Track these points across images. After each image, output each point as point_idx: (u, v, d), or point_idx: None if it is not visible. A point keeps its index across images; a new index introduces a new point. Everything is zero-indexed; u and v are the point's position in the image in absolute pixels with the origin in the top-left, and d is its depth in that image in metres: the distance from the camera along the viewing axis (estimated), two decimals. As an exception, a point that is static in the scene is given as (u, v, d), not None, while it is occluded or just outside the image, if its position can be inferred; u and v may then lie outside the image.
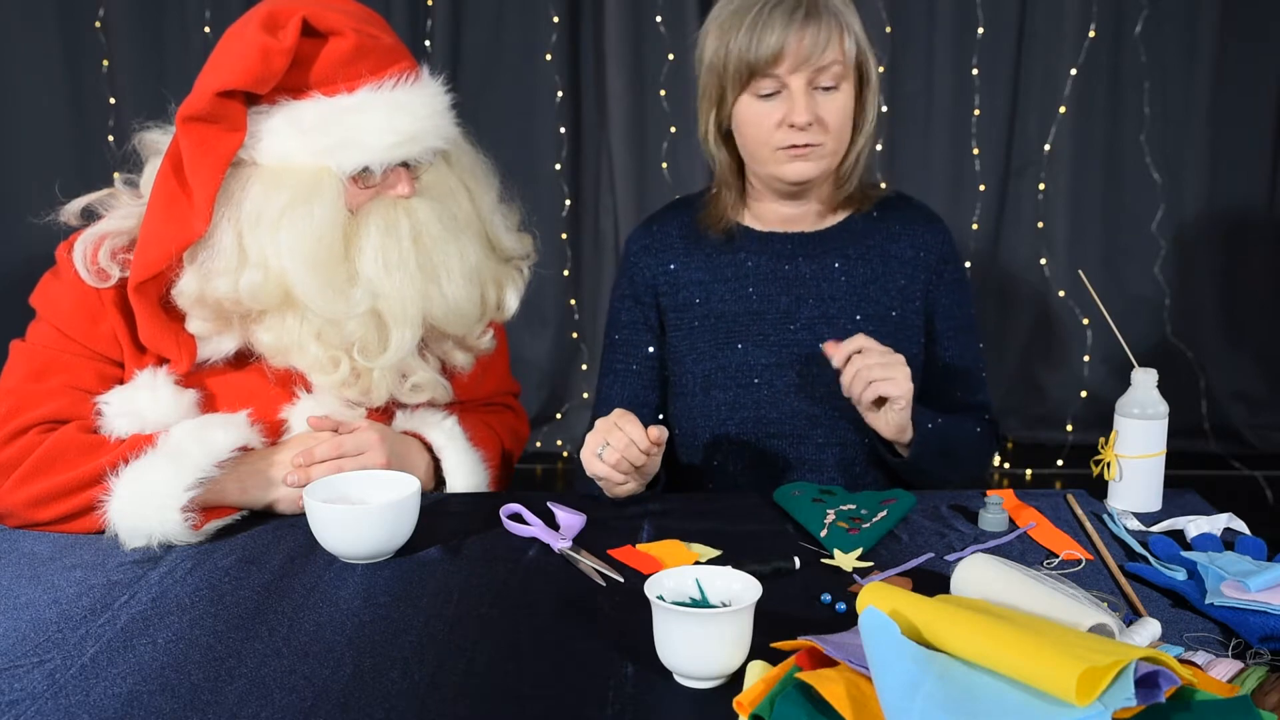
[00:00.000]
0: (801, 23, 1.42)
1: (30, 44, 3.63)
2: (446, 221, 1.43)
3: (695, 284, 1.60)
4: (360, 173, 1.37)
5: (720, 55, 1.46)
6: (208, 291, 1.34)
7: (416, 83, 1.40)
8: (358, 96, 1.35)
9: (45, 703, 0.97)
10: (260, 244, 1.33)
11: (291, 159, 1.35)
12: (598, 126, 3.75)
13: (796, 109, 1.44)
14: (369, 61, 1.36)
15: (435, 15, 3.66)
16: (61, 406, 1.37)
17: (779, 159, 1.50)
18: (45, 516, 1.34)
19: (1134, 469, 1.37)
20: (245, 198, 1.34)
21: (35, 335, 1.42)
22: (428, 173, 1.44)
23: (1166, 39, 3.60)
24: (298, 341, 1.38)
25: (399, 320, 1.39)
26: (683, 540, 1.29)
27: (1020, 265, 3.81)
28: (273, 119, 1.35)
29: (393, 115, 1.36)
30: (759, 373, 1.56)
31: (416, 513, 1.28)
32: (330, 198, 1.35)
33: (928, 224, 1.62)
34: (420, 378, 1.46)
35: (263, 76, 1.31)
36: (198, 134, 1.31)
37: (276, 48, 1.31)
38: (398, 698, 0.97)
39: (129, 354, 1.40)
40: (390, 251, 1.38)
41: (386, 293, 1.37)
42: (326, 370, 1.39)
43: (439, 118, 1.42)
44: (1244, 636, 1.05)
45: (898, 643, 0.86)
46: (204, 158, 1.31)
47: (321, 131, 1.34)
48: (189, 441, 1.32)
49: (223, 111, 1.31)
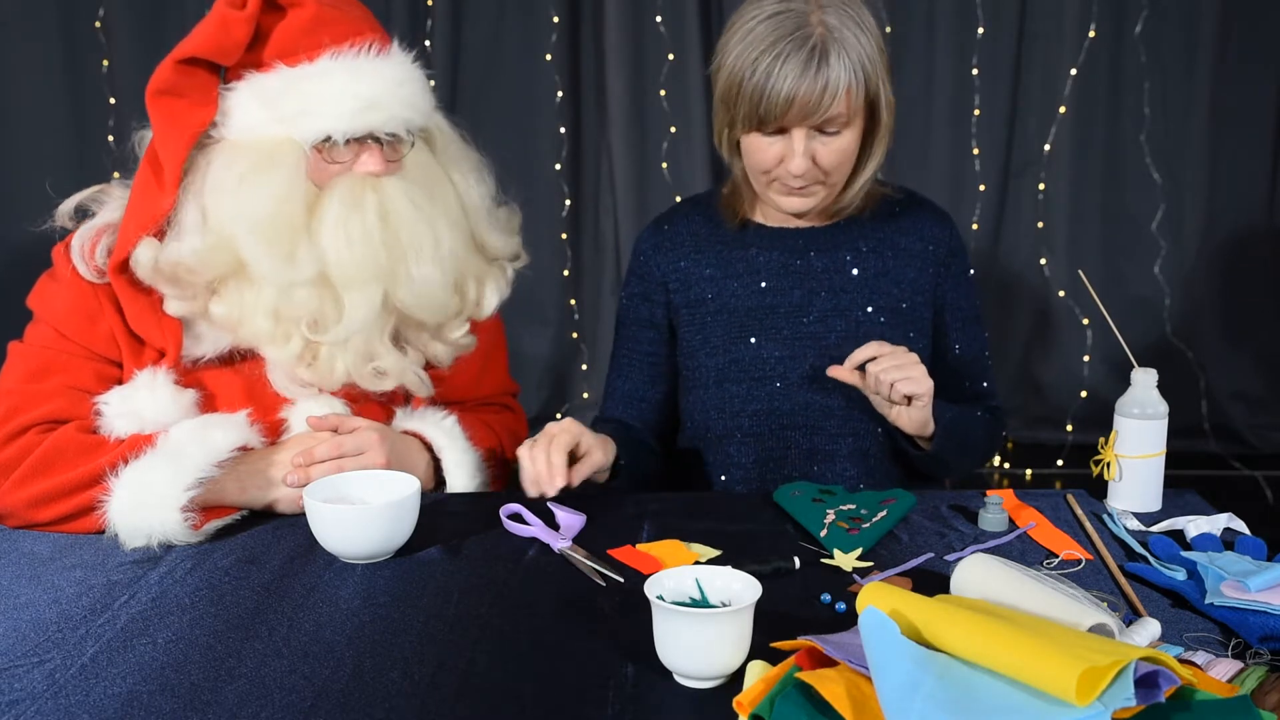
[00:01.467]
0: (814, 74, 1.40)
1: (30, 44, 3.63)
2: (420, 203, 1.41)
3: (707, 280, 1.62)
4: (324, 144, 1.36)
5: (732, 92, 1.46)
6: (161, 260, 1.34)
7: (383, 53, 1.39)
8: (318, 65, 1.35)
9: (45, 703, 0.97)
10: (219, 212, 1.34)
11: (256, 132, 1.35)
12: (598, 126, 3.75)
13: (793, 159, 1.46)
14: (330, 31, 1.36)
15: (435, 15, 3.66)
16: (60, 407, 1.37)
17: (775, 190, 1.52)
18: (45, 517, 1.34)
19: (1134, 469, 1.37)
20: (209, 170, 1.35)
21: (33, 336, 1.41)
22: (411, 156, 1.43)
23: (1166, 39, 3.60)
24: (250, 313, 1.37)
25: (353, 288, 1.37)
26: (683, 540, 1.29)
27: (1020, 265, 3.81)
28: (239, 93, 1.36)
29: (353, 82, 1.35)
30: (772, 366, 1.58)
31: (416, 513, 1.28)
32: (289, 166, 1.35)
33: (936, 218, 1.65)
34: (386, 363, 1.43)
35: (223, 46, 1.32)
36: (165, 107, 1.33)
37: (237, 17, 1.32)
38: (398, 698, 0.97)
39: (127, 352, 1.40)
40: (352, 224, 1.36)
41: (341, 261, 1.36)
42: (278, 344, 1.38)
43: (407, 87, 1.40)
44: (1244, 636, 1.05)
45: (898, 643, 0.86)
46: (171, 131, 1.33)
47: (282, 101, 1.34)
48: (188, 442, 1.32)
49: (188, 84, 1.33)
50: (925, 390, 1.42)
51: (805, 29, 1.41)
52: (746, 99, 1.43)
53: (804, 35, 1.40)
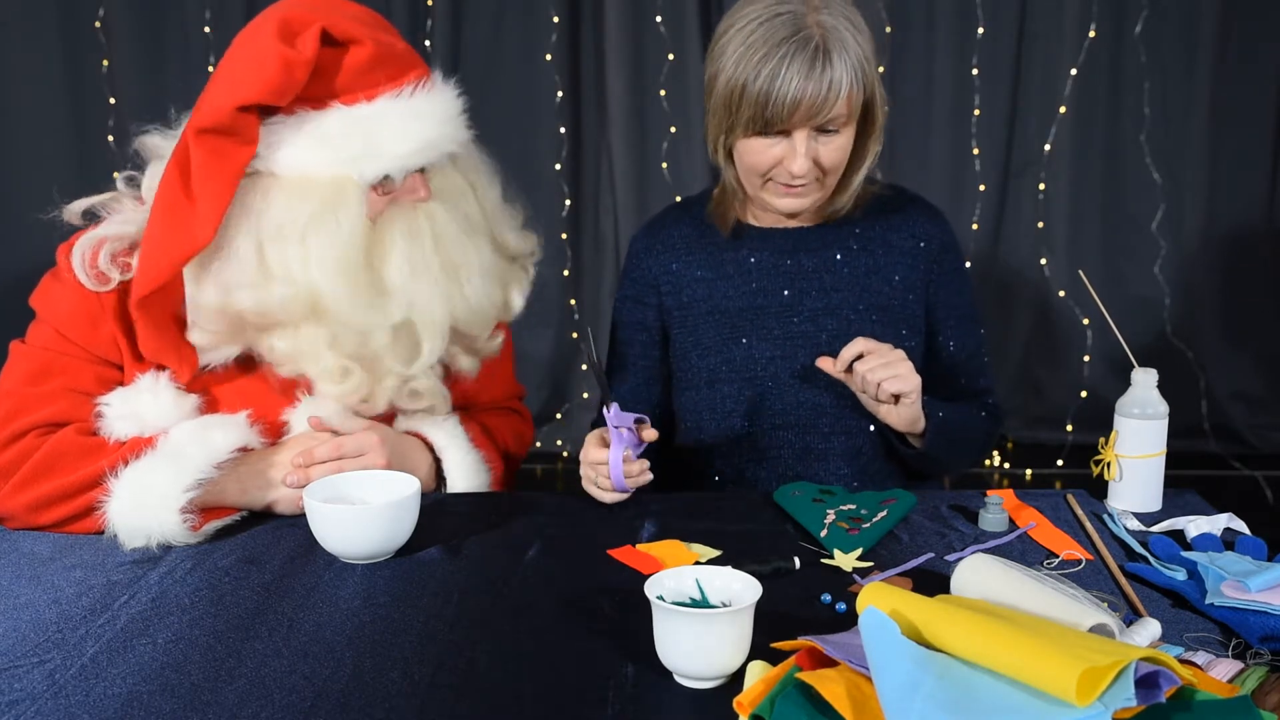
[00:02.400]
0: (820, 75, 1.40)
1: (30, 44, 3.63)
2: (460, 223, 1.44)
3: (699, 281, 1.62)
4: (381, 180, 1.36)
5: (734, 94, 1.45)
6: (229, 305, 1.33)
7: (432, 89, 1.39)
8: (377, 105, 1.34)
9: (45, 703, 0.97)
10: (284, 256, 1.32)
11: (312, 170, 1.33)
12: (598, 126, 3.74)
13: (795, 159, 1.45)
14: (386, 70, 1.35)
15: (435, 15, 3.66)
16: (61, 409, 1.37)
17: (770, 191, 1.52)
18: (46, 520, 1.34)
19: (1134, 469, 1.37)
20: (266, 208, 1.33)
21: (35, 337, 1.41)
22: (437, 176, 1.44)
23: (1166, 39, 3.59)
24: (312, 350, 1.36)
25: (429, 329, 1.39)
26: (683, 540, 1.29)
27: (1020, 265, 3.81)
28: (292, 130, 1.33)
29: (412, 123, 1.35)
30: (763, 365, 1.58)
31: (416, 513, 1.28)
32: (354, 207, 1.34)
33: (927, 216, 1.64)
34: (421, 384, 1.45)
35: (284, 88, 1.29)
36: (211, 145, 1.29)
37: (298, 59, 1.28)
38: (398, 698, 0.97)
39: (128, 358, 1.39)
40: (416, 257, 1.38)
41: (418, 301, 1.38)
42: (335, 380, 1.38)
43: (453, 123, 1.42)
44: (1244, 636, 1.05)
45: (898, 643, 0.86)
46: (216, 170, 1.29)
47: (342, 141, 1.33)
48: (188, 443, 1.32)
49: (238, 124, 1.29)
50: (912, 388, 1.41)
51: (805, 31, 1.40)
52: (751, 103, 1.43)
53: (805, 37, 1.40)
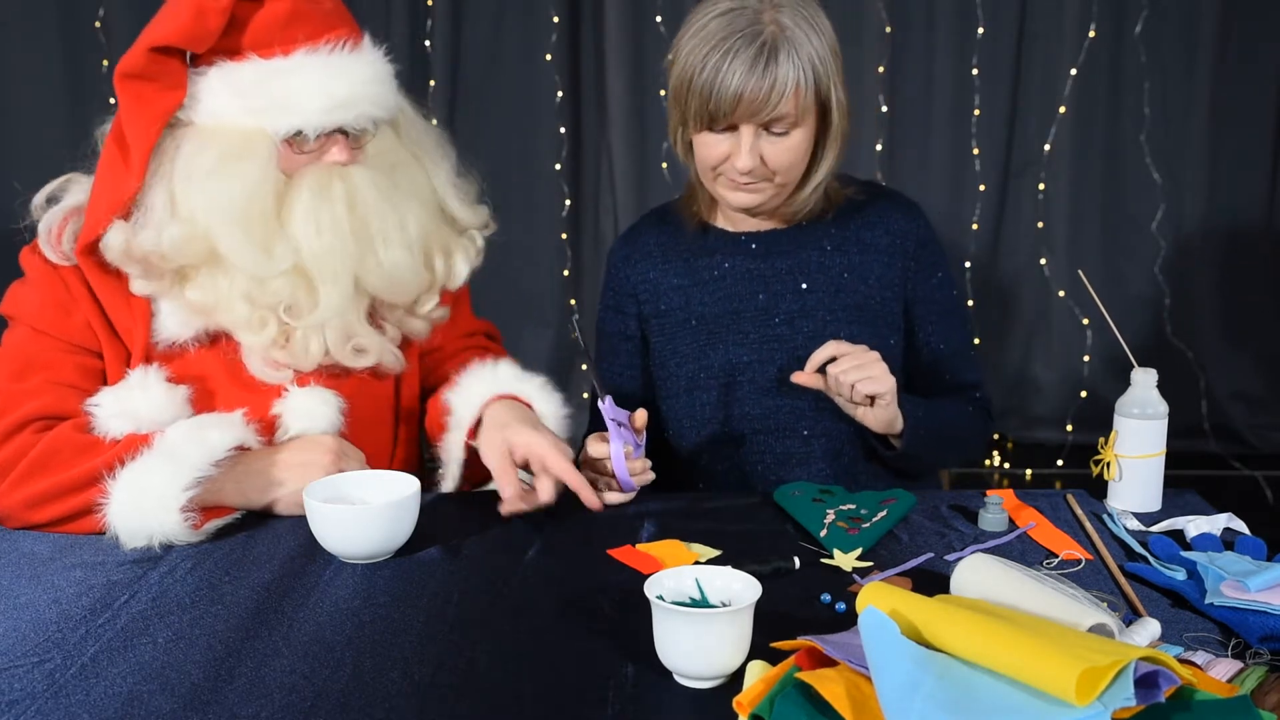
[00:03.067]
0: (762, 72, 1.40)
1: (30, 44, 3.63)
2: (386, 190, 1.44)
3: (674, 289, 1.62)
4: (294, 136, 1.37)
5: (682, 90, 1.46)
6: (133, 245, 1.35)
7: (355, 50, 1.40)
8: (293, 60, 1.36)
9: (45, 703, 0.97)
10: (189, 200, 1.35)
11: (226, 119, 1.36)
12: (598, 126, 3.74)
13: (740, 156, 1.45)
14: (306, 26, 1.36)
15: (435, 15, 3.66)
16: (48, 403, 1.37)
17: (722, 185, 1.52)
18: (43, 518, 1.34)
19: (1134, 469, 1.37)
20: (178, 155, 1.36)
21: (10, 339, 1.43)
22: (374, 143, 1.44)
23: (1166, 39, 3.60)
24: (226, 300, 1.38)
25: (326, 279, 1.39)
26: (683, 540, 1.29)
27: (1020, 265, 3.81)
28: (209, 79, 1.36)
29: (327, 80, 1.36)
30: (741, 370, 1.58)
31: (416, 513, 1.29)
32: (261, 158, 1.36)
33: (902, 211, 1.63)
34: (364, 341, 1.46)
35: (197, 34, 1.32)
36: (134, 91, 1.33)
37: (212, 6, 1.32)
38: (398, 698, 0.97)
39: (105, 340, 1.41)
40: (322, 214, 1.39)
41: (314, 251, 1.38)
42: (254, 329, 1.40)
43: (377, 85, 1.42)
44: (1244, 636, 1.05)
45: (898, 643, 0.86)
46: (140, 115, 1.33)
47: (256, 93, 1.35)
48: (185, 442, 1.32)
49: (159, 69, 1.33)
50: (887, 389, 1.40)
51: (756, 26, 1.41)
52: (696, 95, 1.43)
53: (754, 32, 1.41)
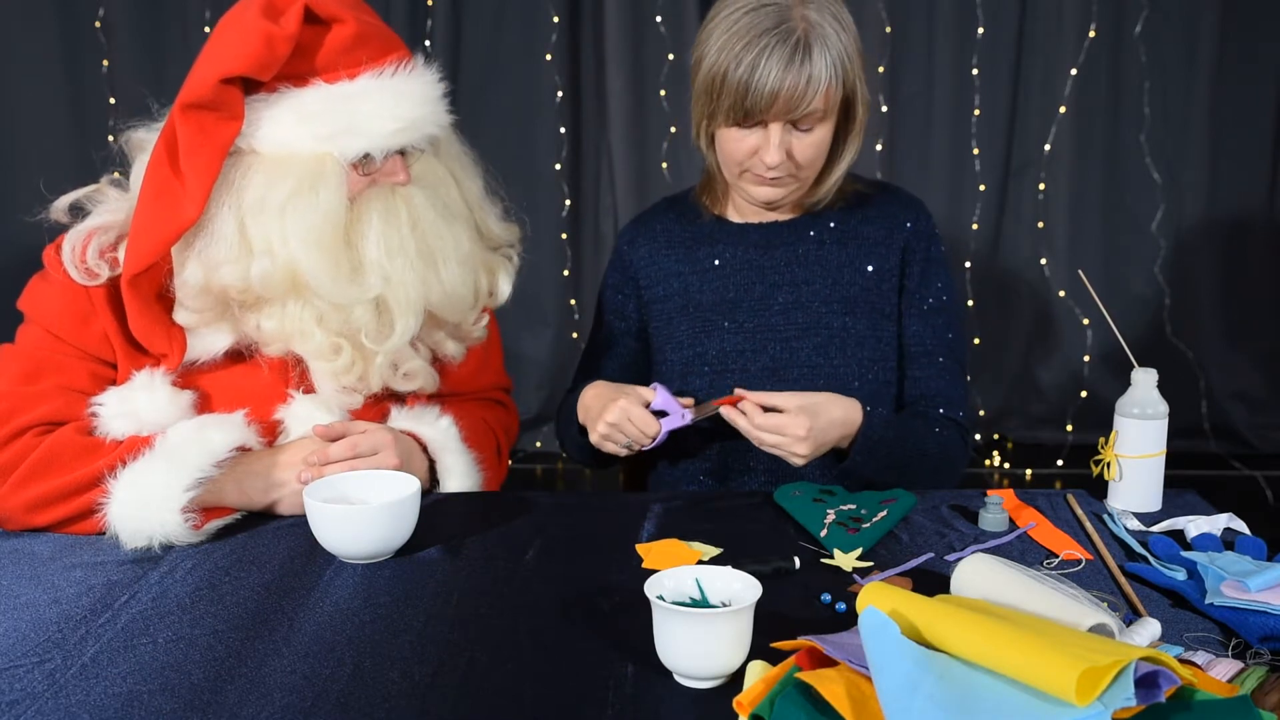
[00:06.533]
0: (799, 69, 1.41)
1: (30, 44, 3.63)
2: (439, 209, 1.45)
3: (675, 275, 1.65)
4: (361, 160, 1.37)
5: (715, 83, 1.46)
6: (213, 281, 1.34)
7: (414, 70, 1.41)
8: (359, 84, 1.35)
9: (45, 703, 0.97)
10: (265, 231, 1.33)
11: (293, 146, 1.35)
12: (598, 126, 3.74)
13: (769, 151, 1.47)
14: (369, 49, 1.36)
15: (435, 15, 3.66)
16: (56, 408, 1.37)
17: (747, 180, 1.54)
18: (43, 520, 1.34)
19: (1134, 469, 1.37)
20: (247, 185, 1.34)
21: (25, 338, 1.41)
22: (418, 162, 1.45)
23: (1166, 39, 3.60)
24: (300, 328, 1.38)
25: (403, 306, 1.40)
26: (683, 540, 1.29)
27: (1020, 265, 3.81)
28: (274, 107, 1.34)
29: (394, 102, 1.37)
30: (735, 359, 1.59)
31: (416, 513, 1.28)
32: (334, 184, 1.35)
33: (902, 206, 1.64)
34: (411, 366, 1.47)
35: (266, 63, 1.31)
36: (197, 121, 1.30)
37: (280, 34, 1.31)
38: (398, 698, 0.97)
39: (121, 353, 1.40)
40: (391, 238, 1.39)
41: (393, 278, 1.39)
42: (327, 357, 1.40)
43: (435, 104, 1.43)
44: (1244, 636, 1.05)
45: (898, 643, 0.86)
46: (203, 145, 1.31)
47: (324, 119, 1.34)
48: (186, 442, 1.32)
49: (223, 99, 1.31)
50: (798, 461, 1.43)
51: (788, 23, 1.42)
52: (730, 92, 1.44)
53: (788, 30, 1.42)
